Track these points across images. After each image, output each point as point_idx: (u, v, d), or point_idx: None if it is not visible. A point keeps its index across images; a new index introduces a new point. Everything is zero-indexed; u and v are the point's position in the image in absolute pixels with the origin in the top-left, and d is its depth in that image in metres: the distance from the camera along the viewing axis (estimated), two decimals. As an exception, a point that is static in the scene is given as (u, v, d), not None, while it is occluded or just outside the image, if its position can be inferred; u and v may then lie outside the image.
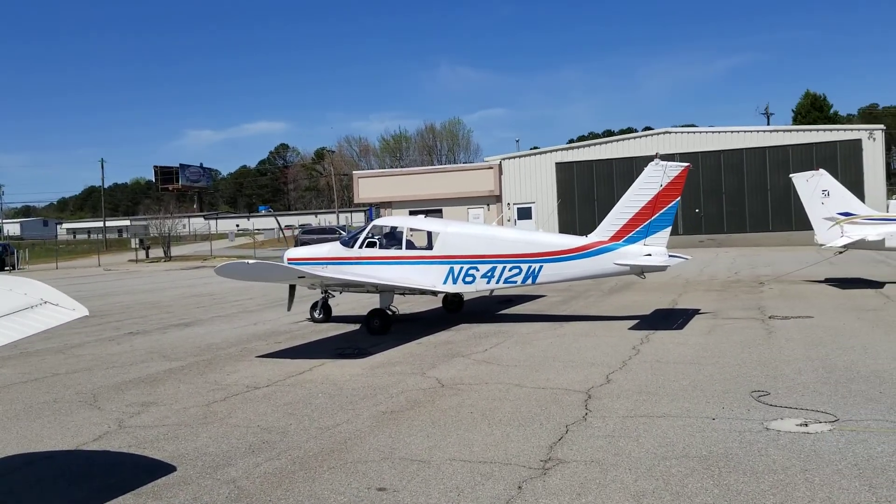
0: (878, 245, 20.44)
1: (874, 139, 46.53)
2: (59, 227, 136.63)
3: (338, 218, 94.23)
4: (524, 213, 51.61)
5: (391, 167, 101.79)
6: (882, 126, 48.78)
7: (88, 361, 12.93)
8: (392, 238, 16.35)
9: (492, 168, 53.26)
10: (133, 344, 14.85)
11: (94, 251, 70.96)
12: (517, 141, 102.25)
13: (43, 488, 6.52)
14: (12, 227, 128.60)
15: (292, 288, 15.89)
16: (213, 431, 8.03)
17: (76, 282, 38.00)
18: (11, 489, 6.58)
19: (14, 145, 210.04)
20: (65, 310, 5.65)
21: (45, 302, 5.65)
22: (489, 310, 17.88)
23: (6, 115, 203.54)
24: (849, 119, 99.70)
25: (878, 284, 20.05)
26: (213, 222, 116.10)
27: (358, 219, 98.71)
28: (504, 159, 53.62)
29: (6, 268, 55.99)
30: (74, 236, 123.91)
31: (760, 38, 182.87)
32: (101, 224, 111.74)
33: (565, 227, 44.50)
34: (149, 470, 6.78)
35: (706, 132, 51.21)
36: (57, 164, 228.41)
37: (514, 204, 52.13)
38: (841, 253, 22.13)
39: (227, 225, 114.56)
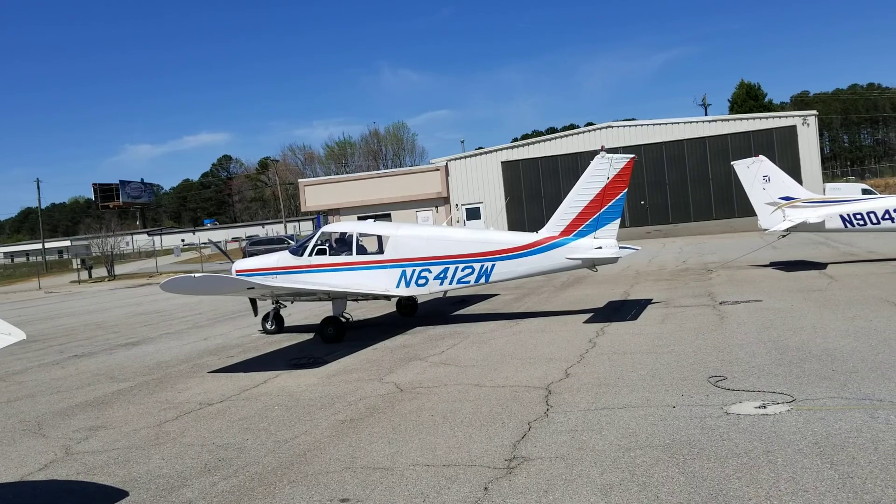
0: (819, 227, 20.97)
1: (808, 125, 47.91)
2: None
3: (285, 227, 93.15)
4: (473, 214, 51.75)
5: (337, 174, 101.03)
6: (815, 112, 50.25)
7: (31, 388, 12.42)
8: (342, 244, 16.12)
9: (438, 170, 53.27)
10: (78, 367, 14.33)
11: (34, 274, 68.73)
12: (462, 142, 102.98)
13: (-14, 524, 6.18)
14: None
15: (253, 299, 15.90)
16: (166, 452, 7.74)
17: (16, 306, 36.72)
18: (-48, 527, 6.23)
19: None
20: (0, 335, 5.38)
21: (-22, 328, 5.37)
22: (444, 311, 17.77)
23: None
24: (782, 107, 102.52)
25: (821, 265, 20.54)
26: (157, 238, 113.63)
27: (306, 227, 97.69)
28: (450, 161, 53.70)
29: None
30: (12, 260, 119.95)
31: (693, 31, 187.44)
32: (39, 246, 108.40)
33: (514, 225, 44.76)
34: (99, 497, 6.49)
35: (647, 125, 52.06)
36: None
37: (463, 204, 52.22)
38: (784, 236, 22.66)
39: (172, 240, 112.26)
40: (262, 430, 8.32)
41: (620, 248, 14.58)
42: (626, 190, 14.50)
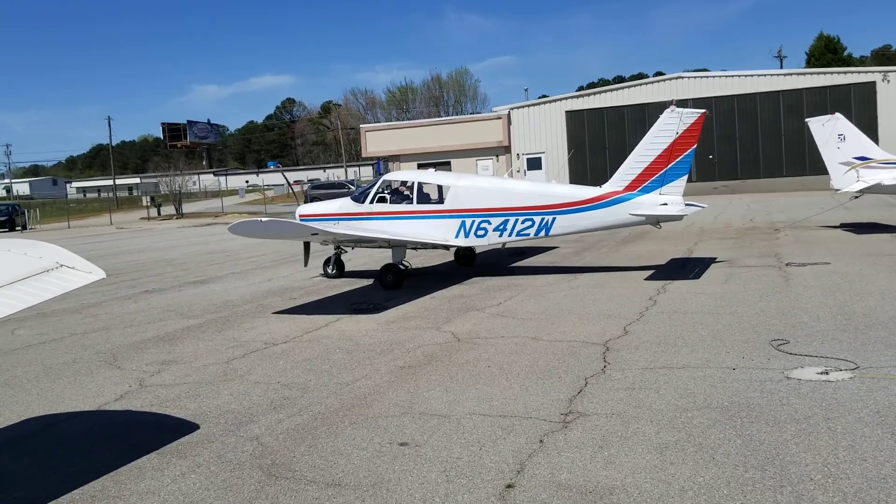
0: (894, 189, 20.19)
1: (888, 81, 45.72)
2: (68, 185, 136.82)
3: (346, 172, 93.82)
4: (534, 164, 51.20)
5: (397, 119, 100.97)
6: (897, 67, 47.84)
7: (106, 321, 13.00)
8: (403, 193, 16.26)
9: (500, 118, 52.68)
10: (150, 302, 14.92)
11: (105, 210, 71.11)
12: (526, 90, 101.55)
13: (67, 449, 6.58)
14: (21, 187, 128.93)
15: (307, 244, 16.01)
16: (233, 389, 8.08)
17: (89, 241, 38.15)
18: (35, 450, 6.65)
19: (19, 103, 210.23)
20: (81, 273, 5.60)
21: (61, 265, 5.59)
22: (501, 262, 17.83)
23: (11, 72, 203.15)
24: (862, 61, 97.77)
25: (893, 229, 19.85)
26: (222, 179, 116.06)
27: (366, 172, 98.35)
28: (513, 109, 53.00)
29: (17, 228, 55.74)
30: (84, 195, 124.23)
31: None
32: (110, 182, 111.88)
33: (576, 177, 44.20)
34: (172, 429, 6.83)
35: (719, 77, 50.39)
36: (63, 123, 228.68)
37: (524, 154, 51.69)
38: (857, 198, 21.91)
39: (236, 181, 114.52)
40: (325, 372, 8.59)
41: (686, 205, 14.33)
42: (695, 146, 14.17)
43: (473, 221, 15.16)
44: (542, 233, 14.85)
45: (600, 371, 7.88)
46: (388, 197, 16.11)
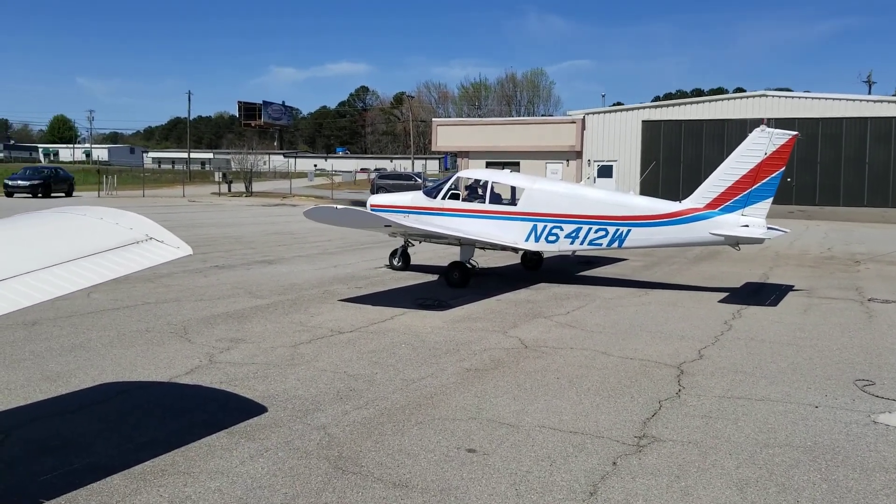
0: None
1: None
2: (144, 155, 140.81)
3: (413, 164, 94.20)
4: (605, 172, 50.37)
5: (469, 116, 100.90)
6: None
7: (177, 292, 13.23)
8: (476, 191, 16.15)
9: (574, 123, 52.01)
10: (220, 278, 15.14)
11: (179, 181, 72.79)
12: (603, 96, 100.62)
13: (138, 418, 6.66)
14: (101, 153, 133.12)
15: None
16: (301, 374, 8.09)
17: (163, 210, 39.04)
18: (107, 416, 6.75)
19: (105, 71, 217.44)
20: (169, 247, 5.60)
21: (151, 238, 5.61)
22: (569, 270, 17.55)
23: (100, 39, 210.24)
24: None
25: None
26: (292, 160, 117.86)
27: (432, 166, 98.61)
28: (588, 114, 52.24)
29: (53, 196, 49.55)
30: (159, 165, 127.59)
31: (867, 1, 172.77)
32: (185, 155, 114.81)
33: (647, 188, 43.28)
34: (241, 409, 6.86)
35: (804, 98, 48.73)
36: (145, 93, 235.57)
37: (595, 161, 50.96)
38: (947, 236, 20.89)
39: (305, 164, 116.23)
40: (390, 366, 8.53)
41: (768, 228, 13.85)
42: (783, 169, 13.69)
43: (545, 226, 14.95)
44: (616, 244, 14.53)
45: (675, 395, 7.62)
46: (460, 194, 16.02)
